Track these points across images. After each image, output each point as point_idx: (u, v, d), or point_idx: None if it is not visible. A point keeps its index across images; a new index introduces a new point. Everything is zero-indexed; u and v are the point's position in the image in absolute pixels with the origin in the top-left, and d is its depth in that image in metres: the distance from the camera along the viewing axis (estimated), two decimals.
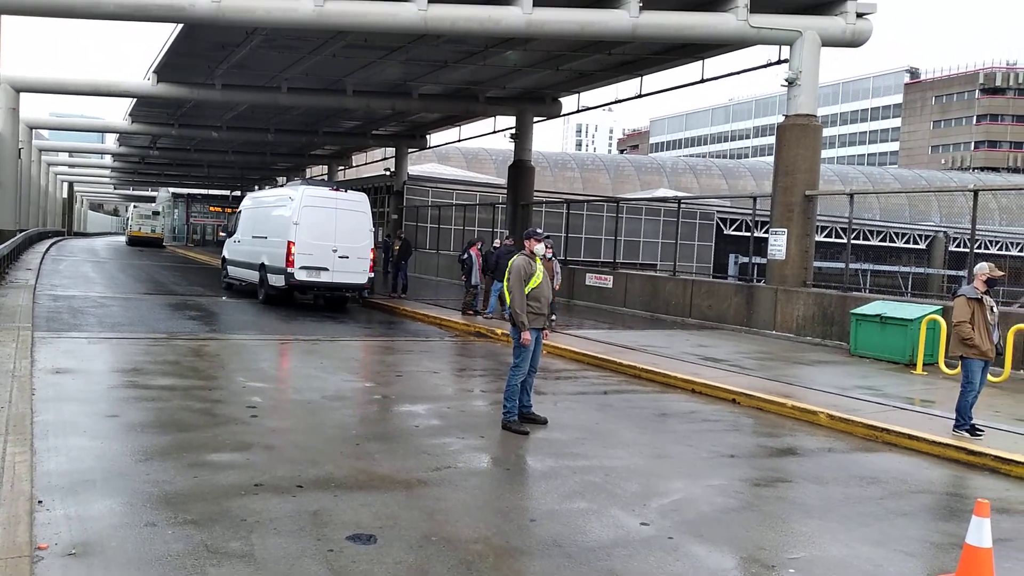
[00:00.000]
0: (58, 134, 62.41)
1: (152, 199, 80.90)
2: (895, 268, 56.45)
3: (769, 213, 18.28)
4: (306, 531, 4.91)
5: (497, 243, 17.48)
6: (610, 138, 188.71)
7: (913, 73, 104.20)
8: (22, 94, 29.40)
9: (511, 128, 30.50)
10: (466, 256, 18.19)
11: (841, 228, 48.90)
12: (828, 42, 17.68)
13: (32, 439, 6.26)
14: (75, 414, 7.43)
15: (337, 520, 5.12)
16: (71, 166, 66.54)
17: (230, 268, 22.08)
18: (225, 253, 22.79)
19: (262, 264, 19.01)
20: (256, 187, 56.70)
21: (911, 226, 60.01)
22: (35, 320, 13.14)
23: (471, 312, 17.86)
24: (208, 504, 5.26)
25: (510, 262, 8.24)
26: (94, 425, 7.11)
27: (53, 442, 6.42)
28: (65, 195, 78.96)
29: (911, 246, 58.06)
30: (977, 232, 15.50)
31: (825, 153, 69.72)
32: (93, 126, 48.63)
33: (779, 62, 19.16)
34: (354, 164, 50.57)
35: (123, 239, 63.82)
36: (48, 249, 39.07)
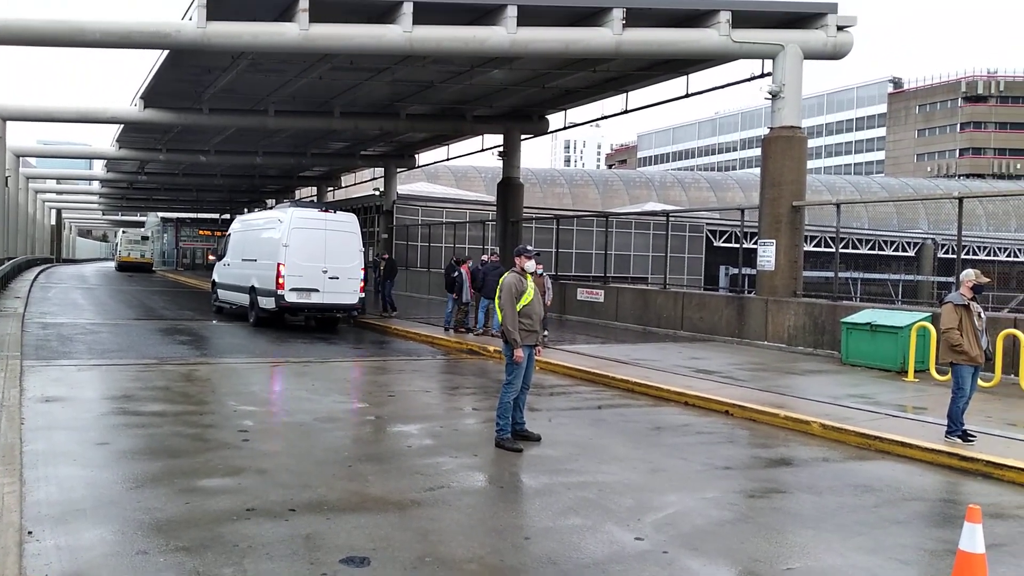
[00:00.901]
0: (46, 161, 62.35)
1: (141, 224, 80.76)
2: (885, 276, 56.72)
3: (757, 224, 18.38)
4: (299, 555, 4.87)
5: (485, 258, 17.50)
6: (598, 153, 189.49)
7: (896, 83, 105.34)
8: (8, 123, 29.35)
9: (499, 146, 30.59)
10: (456, 274, 18.21)
11: (830, 238, 49.14)
12: (810, 55, 17.85)
13: (21, 469, 6.22)
14: (65, 443, 7.37)
15: (330, 543, 5.09)
16: (59, 193, 66.41)
17: (220, 291, 22.03)
18: (215, 276, 22.76)
19: (252, 287, 18.97)
20: (245, 210, 56.60)
21: (899, 234, 60.41)
22: (24, 348, 13.06)
23: (463, 330, 17.84)
24: (200, 530, 5.22)
25: (501, 279, 8.25)
26: (84, 453, 7.06)
27: (43, 471, 6.37)
28: (53, 222, 78.79)
29: (900, 254, 58.40)
30: (964, 238, 15.60)
31: (811, 164, 70.31)
32: (80, 153, 48.58)
33: (762, 75, 19.32)
34: (343, 185, 50.59)
35: (113, 265, 63.61)
36: (37, 276, 38.90)
